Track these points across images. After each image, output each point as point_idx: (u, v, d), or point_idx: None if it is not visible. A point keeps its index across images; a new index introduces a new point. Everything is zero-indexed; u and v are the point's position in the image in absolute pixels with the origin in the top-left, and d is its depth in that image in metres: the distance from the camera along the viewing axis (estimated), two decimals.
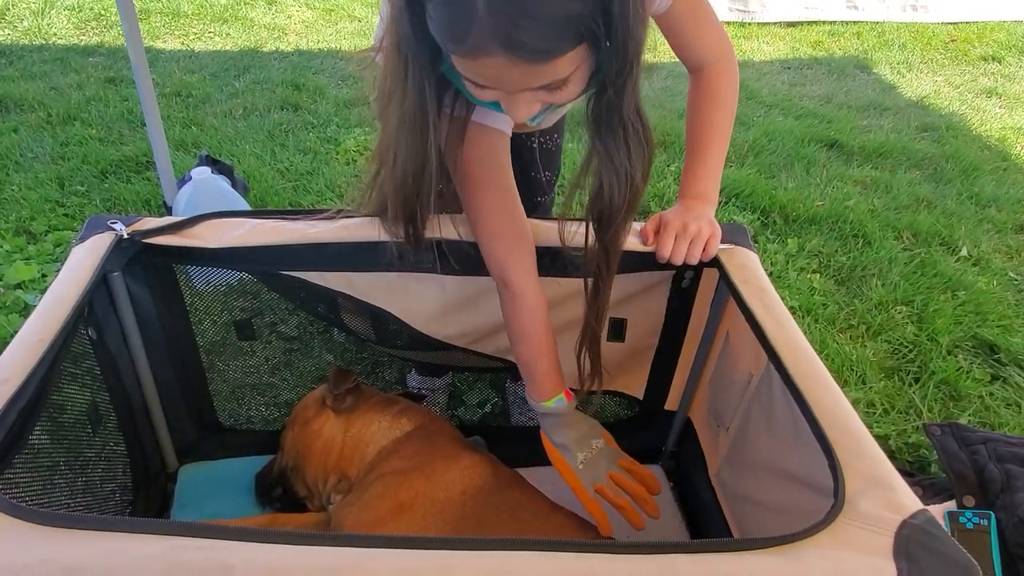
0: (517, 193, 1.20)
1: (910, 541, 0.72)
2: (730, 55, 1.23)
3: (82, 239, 1.18)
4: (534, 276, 1.20)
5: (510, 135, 1.17)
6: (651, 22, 1.14)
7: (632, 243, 1.28)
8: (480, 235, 1.19)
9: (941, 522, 0.96)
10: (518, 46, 0.76)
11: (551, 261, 1.28)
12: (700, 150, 1.26)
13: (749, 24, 5.06)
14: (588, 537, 1.21)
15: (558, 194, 1.71)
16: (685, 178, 1.28)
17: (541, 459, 1.55)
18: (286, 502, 1.43)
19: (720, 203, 2.81)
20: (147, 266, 1.27)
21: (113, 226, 1.20)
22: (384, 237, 1.15)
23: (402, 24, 0.85)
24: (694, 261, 1.24)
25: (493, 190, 1.16)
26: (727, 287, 1.24)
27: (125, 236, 1.19)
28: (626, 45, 0.81)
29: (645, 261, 1.27)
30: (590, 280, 1.17)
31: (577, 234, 1.11)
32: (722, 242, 1.27)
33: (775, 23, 5.10)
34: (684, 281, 1.37)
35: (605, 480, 1.21)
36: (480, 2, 0.74)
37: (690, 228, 1.22)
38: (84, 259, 1.13)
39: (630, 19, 0.79)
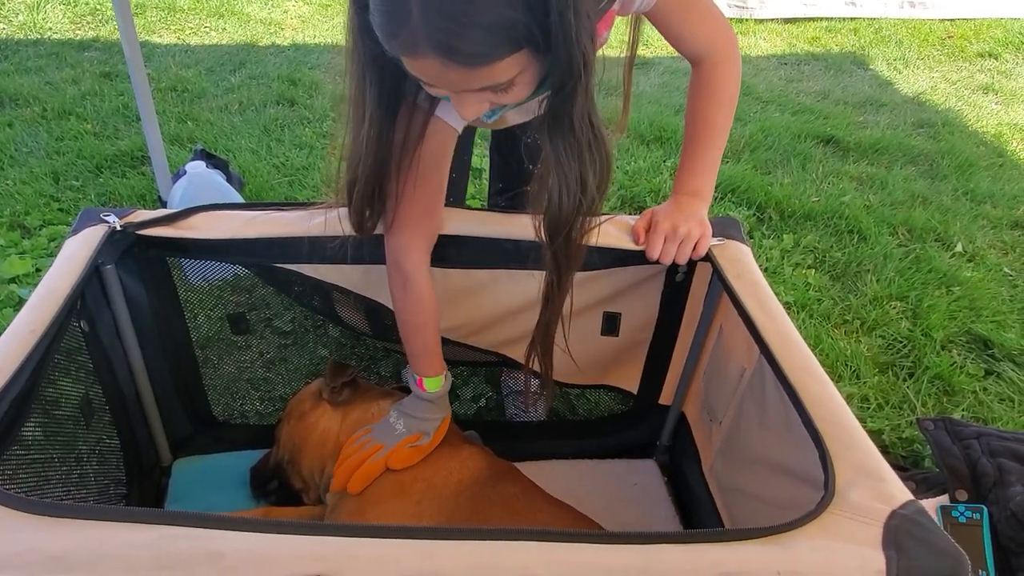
0: (445, 190, 1.21)
1: (899, 531, 0.73)
2: (730, 49, 1.21)
3: (75, 231, 1.18)
4: (426, 266, 1.24)
5: (460, 132, 1.16)
6: (643, 20, 1.14)
7: (625, 239, 1.28)
8: (395, 220, 1.17)
9: (934, 516, 0.97)
10: (452, 51, 0.77)
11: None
12: (695, 146, 1.26)
13: (746, 20, 5.06)
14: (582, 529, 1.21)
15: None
16: (679, 174, 1.28)
17: (535, 454, 1.57)
18: (281, 495, 1.43)
19: (715, 199, 2.82)
20: (140, 258, 1.26)
21: (106, 218, 1.20)
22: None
23: (350, 13, 0.87)
24: (683, 262, 1.26)
25: (428, 187, 1.16)
26: (720, 281, 1.24)
27: (118, 228, 1.19)
28: (569, 53, 0.80)
29: (639, 256, 1.27)
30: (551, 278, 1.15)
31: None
32: (715, 236, 1.27)
33: (772, 20, 5.10)
34: (678, 276, 1.37)
35: (366, 441, 1.29)
36: (415, 9, 0.75)
37: (679, 230, 1.23)
38: (77, 251, 1.13)
39: (571, 28, 0.78)
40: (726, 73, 1.22)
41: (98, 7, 4.37)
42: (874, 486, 0.78)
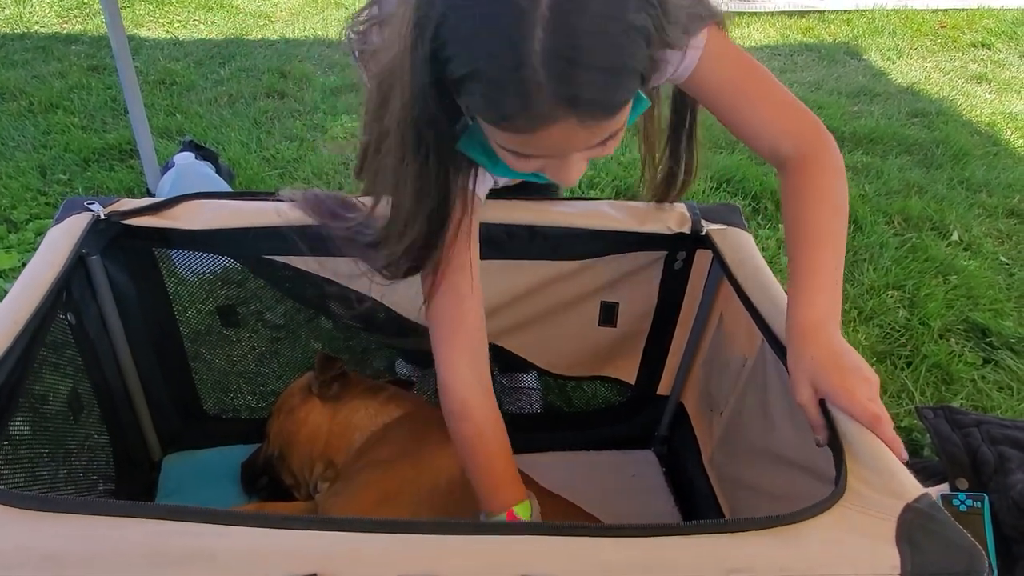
0: (473, 276, 1.01)
1: (913, 526, 0.70)
2: (822, 141, 0.99)
3: (58, 220, 1.15)
4: (480, 386, 1.00)
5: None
6: None
7: (624, 221, 1.25)
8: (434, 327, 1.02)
9: None
10: (587, 105, 0.68)
11: (542, 242, 1.26)
12: (815, 263, 0.99)
13: (740, 12, 5.03)
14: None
15: None
16: (798, 311, 0.98)
17: (532, 446, 1.55)
18: (272, 491, 1.41)
19: (711, 189, 2.81)
20: (126, 249, 1.23)
21: (90, 207, 1.16)
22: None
23: (423, 103, 0.74)
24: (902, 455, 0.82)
25: (455, 278, 0.99)
26: (721, 268, 1.22)
27: (102, 217, 1.16)
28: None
29: (637, 241, 1.25)
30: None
31: None
32: (715, 222, 1.25)
33: (769, 12, 5.07)
34: (677, 263, 1.35)
35: None
36: (538, 67, 0.64)
37: (871, 409, 0.83)
38: (59, 240, 1.10)
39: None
40: (824, 169, 0.99)
41: (85, 1, 4.32)
42: (886, 479, 0.76)
